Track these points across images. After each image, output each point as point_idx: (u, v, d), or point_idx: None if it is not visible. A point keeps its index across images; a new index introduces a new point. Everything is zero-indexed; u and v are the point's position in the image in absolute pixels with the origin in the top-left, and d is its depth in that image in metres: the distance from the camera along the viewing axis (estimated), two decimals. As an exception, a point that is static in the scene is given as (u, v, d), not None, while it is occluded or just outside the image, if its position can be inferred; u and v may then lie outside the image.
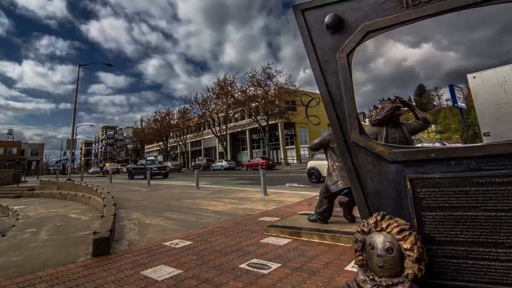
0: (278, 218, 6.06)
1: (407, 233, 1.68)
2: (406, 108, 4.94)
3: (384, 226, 1.77)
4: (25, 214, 9.38)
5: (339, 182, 4.42)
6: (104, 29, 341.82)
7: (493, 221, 1.56)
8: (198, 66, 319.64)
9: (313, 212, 5.12)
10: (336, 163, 4.59)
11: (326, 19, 1.70)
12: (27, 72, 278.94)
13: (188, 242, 4.68)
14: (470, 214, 1.62)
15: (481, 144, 1.55)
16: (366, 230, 1.84)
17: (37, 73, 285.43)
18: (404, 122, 4.73)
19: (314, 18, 1.82)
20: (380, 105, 4.93)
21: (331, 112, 1.81)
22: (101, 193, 9.49)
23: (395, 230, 1.71)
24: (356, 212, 5.12)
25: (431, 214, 1.73)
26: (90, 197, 10.67)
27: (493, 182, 1.55)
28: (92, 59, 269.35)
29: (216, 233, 5.22)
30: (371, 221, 1.83)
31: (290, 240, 4.54)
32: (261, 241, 4.56)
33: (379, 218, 1.80)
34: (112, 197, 8.38)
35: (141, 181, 22.09)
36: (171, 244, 4.65)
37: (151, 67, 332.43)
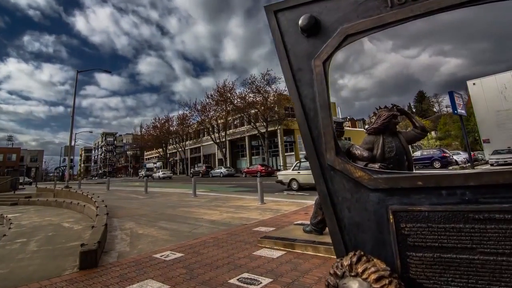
0: (274, 228, 5.92)
1: (387, 281, 1.39)
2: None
3: (360, 270, 1.46)
4: (18, 223, 9.24)
5: None
6: (92, 21, 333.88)
7: (492, 266, 1.27)
8: (198, 66, 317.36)
9: (309, 223, 4.99)
10: None
11: (300, 21, 1.47)
12: (14, 71, 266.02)
13: (179, 254, 4.54)
14: (464, 257, 1.33)
15: (478, 170, 1.27)
16: (339, 273, 1.52)
17: (24, 71, 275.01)
18: (401, 131, 4.62)
19: (288, 20, 1.59)
20: (377, 113, 4.84)
21: (305, 129, 1.55)
22: (95, 201, 9.35)
23: (373, 277, 1.41)
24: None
25: (417, 255, 1.43)
26: (84, 205, 10.53)
27: (493, 219, 1.27)
28: (82, 56, 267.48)
29: (208, 244, 5.08)
30: (345, 262, 1.52)
31: (284, 252, 4.40)
32: (254, 253, 4.42)
33: (354, 260, 1.49)
34: (106, 206, 8.25)
35: (139, 189, 21.92)
36: (161, 256, 4.52)
37: (147, 66, 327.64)
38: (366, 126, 4.79)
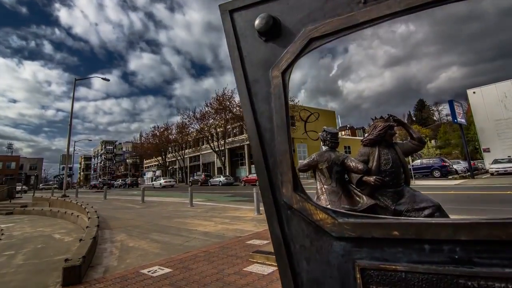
0: (267, 242, 5.76)
1: None
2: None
3: None
4: (9, 234, 9.08)
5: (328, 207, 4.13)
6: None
7: None
8: (196, 64, 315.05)
9: None
10: (325, 186, 4.30)
11: (256, 23, 1.21)
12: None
13: (167, 270, 4.38)
14: None
15: (473, 219, 0.87)
16: None
17: (9, 68, 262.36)
18: (397, 142, 4.48)
19: (245, 22, 1.30)
20: (372, 124, 4.71)
21: (258, 155, 1.22)
22: (88, 212, 9.19)
23: None
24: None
25: None
26: (78, 216, 10.37)
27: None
28: (69, 51, 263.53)
29: (199, 258, 4.92)
30: None
31: (276, 268, 4.23)
32: (245, 269, 4.25)
33: None
34: (98, 217, 8.09)
35: (136, 198, 21.69)
36: (148, 271, 4.35)
37: (141, 64, 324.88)
38: (366, 135, 4.65)
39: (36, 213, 15.65)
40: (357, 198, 4.12)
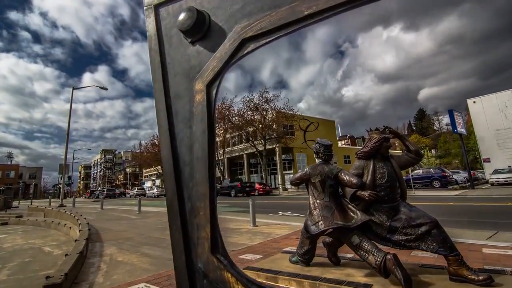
0: (261, 256, 5.59)
1: None
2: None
3: None
4: (0, 246, 8.88)
5: (320, 223, 3.94)
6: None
7: None
8: None
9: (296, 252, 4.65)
10: (318, 201, 4.14)
11: (179, 19, 0.90)
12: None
13: (153, 287, 4.20)
14: None
15: None
16: None
17: None
18: (393, 155, 4.34)
19: (171, 18, 0.98)
20: (367, 136, 4.56)
21: (172, 197, 0.92)
22: (79, 224, 9.00)
23: None
24: (341, 253, 4.66)
25: None
26: (70, 227, 10.17)
27: None
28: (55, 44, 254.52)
29: (188, 275, 4.73)
30: None
31: (266, 286, 4.06)
32: (234, 287, 4.07)
33: None
34: (89, 229, 7.91)
35: (133, 208, 21.43)
36: (134, 289, 4.17)
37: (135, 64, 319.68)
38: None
39: (31, 224, 15.43)
40: (351, 214, 3.96)
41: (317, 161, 4.56)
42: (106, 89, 27.48)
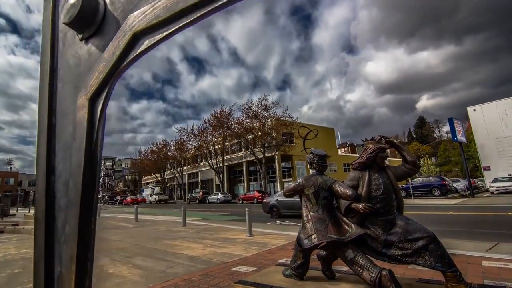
0: (255, 268, 5.45)
1: None
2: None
3: None
4: (-9, 256, 8.73)
5: (313, 236, 3.81)
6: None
7: None
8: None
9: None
10: (311, 213, 4.01)
11: (64, 8, 0.66)
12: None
13: (141, 303, 4.06)
14: None
15: None
16: None
17: None
18: (389, 166, 4.21)
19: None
20: (363, 146, 4.45)
21: (39, 254, 0.65)
22: (73, 233, 8.84)
23: None
24: (337, 265, 4.53)
25: None
26: (64, 236, 10.02)
27: None
28: None
29: (178, 288, 4.59)
30: None
31: (257, 301, 3.92)
32: (224, 302, 3.94)
33: None
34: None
35: (131, 216, 21.17)
36: (121, 304, 4.03)
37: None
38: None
39: (27, 232, 15.27)
40: (346, 227, 3.82)
41: (311, 171, 4.44)
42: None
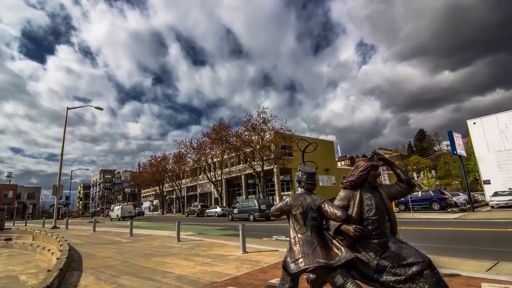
0: (243, 290, 5.20)
1: None
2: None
3: None
4: (-24, 273, 8.47)
5: (299, 260, 3.56)
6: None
7: None
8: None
9: None
10: (299, 235, 3.77)
11: None
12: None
13: (119, 329, 3.83)
14: None
15: None
16: None
17: None
18: (382, 185, 4.00)
19: None
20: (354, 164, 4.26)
21: None
22: (60, 250, 8.61)
23: None
24: (327, 288, 4.29)
25: None
26: (53, 253, 9.78)
27: None
28: None
29: (160, 312, 4.35)
30: None
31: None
32: (206, 329, 3.70)
33: None
34: (67, 257, 7.51)
35: (126, 230, 20.80)
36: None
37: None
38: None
39: (19, 247, 15.02)
40: (335, 250, 3.59)
41: (299, 190, 4.23)
42: (101, 109, 27.32)
